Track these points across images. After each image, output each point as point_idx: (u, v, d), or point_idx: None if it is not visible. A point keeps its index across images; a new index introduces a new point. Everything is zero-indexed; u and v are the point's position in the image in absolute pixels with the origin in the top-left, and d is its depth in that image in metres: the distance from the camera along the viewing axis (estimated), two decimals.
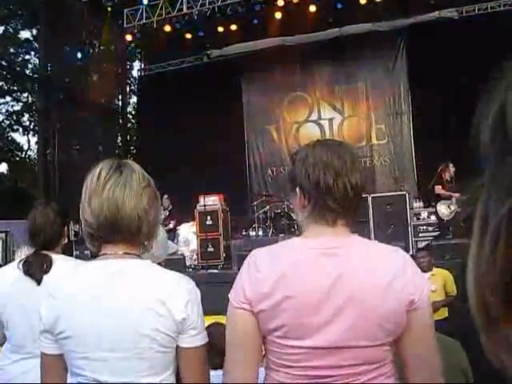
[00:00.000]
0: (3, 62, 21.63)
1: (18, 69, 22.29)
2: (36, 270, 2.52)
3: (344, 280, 1.51)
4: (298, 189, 1.63)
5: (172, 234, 11.67)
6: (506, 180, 0.42)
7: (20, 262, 2.59)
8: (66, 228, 2.74)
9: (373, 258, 1.56)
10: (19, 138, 23.29)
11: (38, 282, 2.50)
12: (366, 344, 1.50)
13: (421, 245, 9.78)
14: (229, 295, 1.60)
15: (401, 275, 1.52)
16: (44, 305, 1.67)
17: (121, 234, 1.68)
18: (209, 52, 15.38)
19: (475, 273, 0.44)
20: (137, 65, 21.25)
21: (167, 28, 14.66)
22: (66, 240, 2.77)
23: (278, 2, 13.65)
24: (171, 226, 11.66)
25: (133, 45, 17.88)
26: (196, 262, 11.55)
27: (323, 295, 1.50)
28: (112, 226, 1.66)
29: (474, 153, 0.46)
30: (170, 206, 11.79)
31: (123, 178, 1.69)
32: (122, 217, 1.65)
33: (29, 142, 23.29)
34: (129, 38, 15.60)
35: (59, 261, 2.58)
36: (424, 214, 10.91)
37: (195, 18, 14.36)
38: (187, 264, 11.15)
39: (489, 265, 0.42)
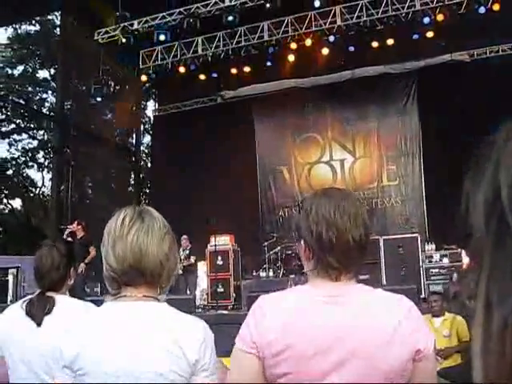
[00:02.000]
0: (21, 101, 22.06)
1: (35, 107, 22.70)
2: (37, 311, 2.51)
3: (348, 329, 1.50)
4: (302, 241, 1.65)
5: (193, 270, 11.59)
6: (507, 265, 0.40)
7: (24, 302, 2.58)
8: (72, 269, 2.74)
9: (377, 308, 1.56)
10: (34, 174, 23.59)
11: (39, 324, 2.49)
12: None
13: (433, 288, 9.66)
14: (236, 340, 1.60)
15: (406, 324, 1.52)
16: (63, 342, 1.71)
17: (143, 278, 1.73)
18: (222, 93, 15.60)
19: (483, 362, 0.42)
20: (151, 104, 21.59)
21: (182, 69, 14.87)
22: (72, 281, 2.75)
23: (291, 45, 13.84)
24: (192, 260, 11.51)
25: (147, 85, 18.16)
26: (206, 302, 11.49)
27: (327, 344, 1.49)
28: (136, 271, 1.71)
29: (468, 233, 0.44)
30: (189, 246, 11.64)
31: (146, 224, 1.75)
32: (146, 263, 1.71)
33: (43, 178, 23.56)
34: (144, 78, 15.86)
35: (63, 302, 2.57)
36: (436, 257, 10.79)
37: (209, 59, 14.59)
38: (197, 304, 11.07)
39: (498, 355, 0.40)
